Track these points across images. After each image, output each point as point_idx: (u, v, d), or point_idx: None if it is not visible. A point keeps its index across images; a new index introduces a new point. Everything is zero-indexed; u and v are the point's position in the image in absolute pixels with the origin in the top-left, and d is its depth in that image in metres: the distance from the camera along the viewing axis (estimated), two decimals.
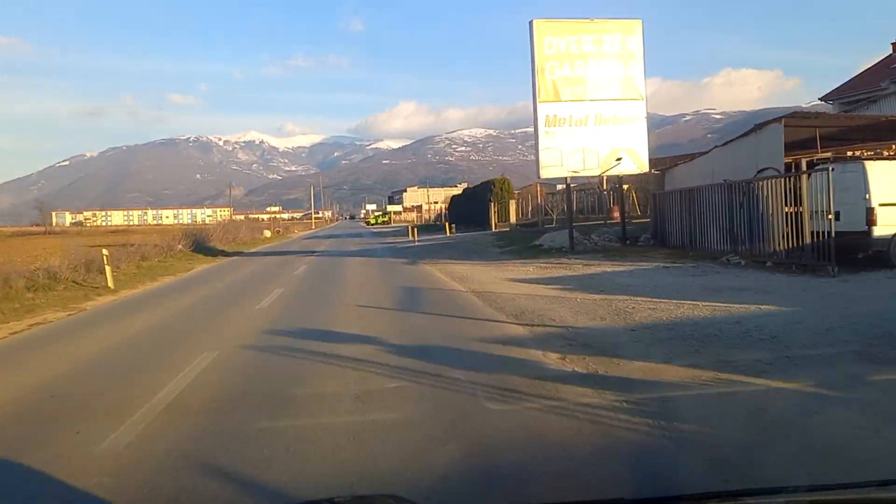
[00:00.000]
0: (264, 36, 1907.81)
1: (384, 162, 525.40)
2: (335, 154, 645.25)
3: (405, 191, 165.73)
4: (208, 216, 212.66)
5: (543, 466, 3.79)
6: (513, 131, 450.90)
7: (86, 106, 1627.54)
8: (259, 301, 12.21)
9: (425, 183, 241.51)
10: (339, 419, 4.70)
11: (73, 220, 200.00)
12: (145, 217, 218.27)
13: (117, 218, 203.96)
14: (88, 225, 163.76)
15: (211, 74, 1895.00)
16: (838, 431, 4.14)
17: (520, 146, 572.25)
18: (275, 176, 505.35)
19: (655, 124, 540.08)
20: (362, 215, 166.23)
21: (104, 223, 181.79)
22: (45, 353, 8.17)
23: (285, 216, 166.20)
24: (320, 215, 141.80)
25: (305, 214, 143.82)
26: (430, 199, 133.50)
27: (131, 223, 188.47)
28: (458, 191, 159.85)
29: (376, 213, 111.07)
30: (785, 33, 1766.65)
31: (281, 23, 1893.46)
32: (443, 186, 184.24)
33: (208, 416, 5.04)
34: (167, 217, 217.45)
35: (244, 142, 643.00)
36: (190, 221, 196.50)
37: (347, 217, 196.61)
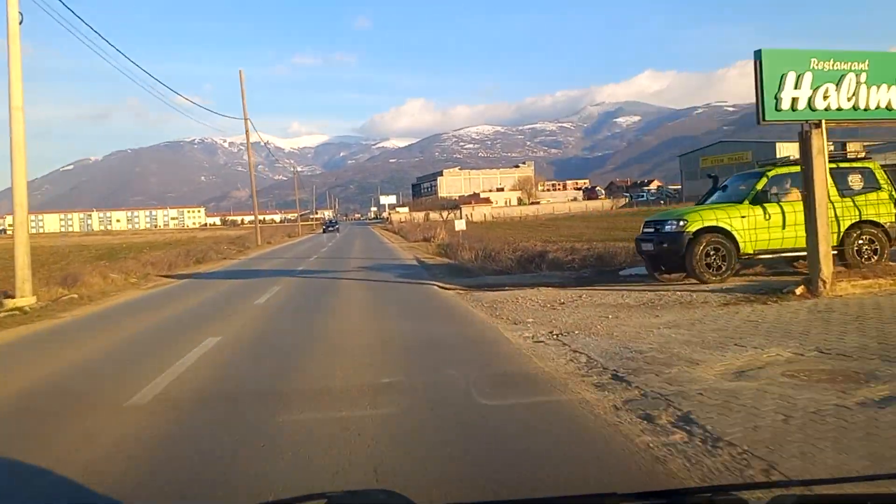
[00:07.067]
0: (270, 32, 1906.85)
1: (391, 161, 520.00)
2: (341, 154, 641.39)
3: (441, 174, 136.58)
4: (173, 219, 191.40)
5: None
6: (520, 127, 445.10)
7: (90, 109, 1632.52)
8: None
9: (468, 165, 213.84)
10: None
11: None
12: (89, 222, 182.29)
13: (51, 223, 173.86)
14: (9, 232, 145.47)
15: (216, 76, 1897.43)
16: None
17: (528, 142, 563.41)
18: (280, 177, 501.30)
19: (666, 118, 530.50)
20: (372, 215, 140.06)
21: (34, 230, 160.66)
22: None
23: (276, 217, 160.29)
24: (317, 215, 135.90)
25: (301, 215, 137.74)
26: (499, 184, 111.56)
27: (70, 230, 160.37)
28: (525, 171, 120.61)
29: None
30: (811, 25, 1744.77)
31: (287, 20, 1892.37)
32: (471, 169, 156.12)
33: None
34: (118, 220, 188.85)
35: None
36: (149, 225, 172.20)
37: (355, 217, 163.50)
